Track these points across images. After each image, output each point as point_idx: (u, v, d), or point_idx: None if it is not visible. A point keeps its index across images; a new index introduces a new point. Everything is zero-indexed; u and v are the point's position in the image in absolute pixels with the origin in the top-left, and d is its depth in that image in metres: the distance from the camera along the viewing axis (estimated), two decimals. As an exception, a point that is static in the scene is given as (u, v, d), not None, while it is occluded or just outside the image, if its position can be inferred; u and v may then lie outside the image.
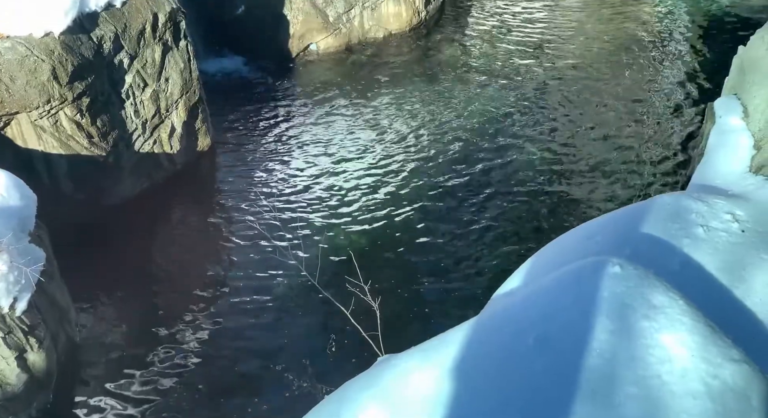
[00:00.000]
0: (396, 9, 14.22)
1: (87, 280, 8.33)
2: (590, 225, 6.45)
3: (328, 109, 11.99)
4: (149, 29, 9.38)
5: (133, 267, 8.87)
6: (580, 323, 4.68)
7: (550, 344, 4.58)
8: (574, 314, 4.79)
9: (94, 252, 8.73)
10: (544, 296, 5.18)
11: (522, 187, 9.87)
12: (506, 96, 11.84)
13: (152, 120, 9.74)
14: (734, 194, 6.46)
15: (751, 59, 7.70)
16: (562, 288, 5.14)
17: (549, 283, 5.29)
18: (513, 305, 5.36)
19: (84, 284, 8.24)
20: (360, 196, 9.95)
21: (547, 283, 5.31)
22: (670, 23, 13.71)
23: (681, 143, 10.30)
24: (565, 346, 4.53)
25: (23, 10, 8.08)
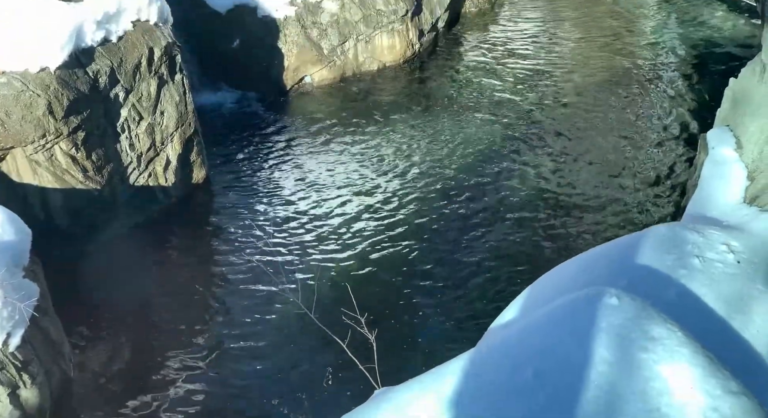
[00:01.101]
0: (390, 42, 14.34)
1: (81, 314, 8.28)
2: (586, 256, 6.45)
3: (322, 141, 12.03)
4: (145, 63, 9.43)
5: (127, 301, 8.81)
6: (578, 355, 4.67)
7: (549, 378, 4.56)
8: (572, 346, 4.77)
9: (88, 286, 8.69)
10: (541, 328, 5.16)
11: (517, 219, 9.89)
12: (500, 128, 11.91)
13: (147, 153, 9.75)
14: (729, 225, 6.48)
15: (743, 91, 7.78)
16: (559, 320, 5.13)
17: (546, 315, 5.28)
18: (510, 337, 5.34)
19: (78, 319, 8.19)
20: (356, 227, 9.95)
21: (543, 315, 5.30)
22: (662, 54, 13.85)
23: (675, 174, 10.35)
24: (564, 379, 4.51)
25: (19, 45, 8.12)
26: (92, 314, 8.51)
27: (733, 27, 14.35)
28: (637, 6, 15.88)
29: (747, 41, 13.58)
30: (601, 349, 4.62)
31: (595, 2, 16.25)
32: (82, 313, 8.30)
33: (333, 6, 13.92)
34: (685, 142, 10.99)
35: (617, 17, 15.44)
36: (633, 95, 12.49)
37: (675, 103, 12.13)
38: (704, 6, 15.34)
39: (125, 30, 9.32)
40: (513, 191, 10.39)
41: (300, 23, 13.73)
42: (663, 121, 11.65)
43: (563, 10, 16.04)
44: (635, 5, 15.93)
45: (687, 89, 12.56)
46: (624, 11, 15.69)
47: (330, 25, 13.88)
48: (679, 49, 13.88)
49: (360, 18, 13.96)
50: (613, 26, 15.04)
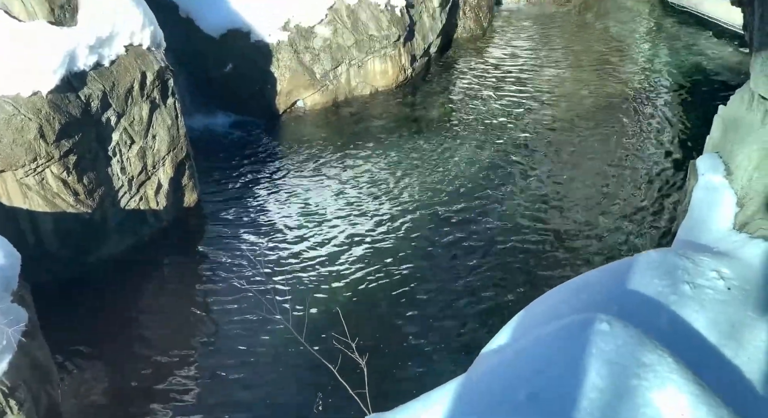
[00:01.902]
0: (382, 66, 14.42)
1: (70, 339, 8.22)
2: (577, 281, 6.46)
3: (314, 165, 12.04)
4: (137, 87, 9.45)
5: (117, 326, 8.75)
6: (570, 381, 4.66)
7: (541, 402, 4.55)
8: (563, 372, 4.77)
9: (77, 311, 8.64)
10: (533, 353, 5.16)
11: (508, 244, 9.89)
12: (491, 153, 11.95)
13: (139, 177, 9.74)
14: (719, 252, 6.50)
15: (732, 118, 7.83)
16: (551, 345, 5.12)
17: (538, 340, 5.27)
18: (502, 362, 5.33)
19: (67, 344, 8.13)
20: (347, 252, 9.93)
21: (536, 340, 5.29)
22: (651, 81, 13.97)
23: (665, 200, 10.39)
24: (556, 404, 4.49)
25: (11, 69, 8.13)
26: (81, 339, 8.45)
27: (721, 55, 14.51)
28: (628, 33, 16.04)
29: (735, 69, 13.72)
30: (593, 375, 4.62)
31: (585, 29, 16.40)
32: (70, 338, 8.24)
33: (326, 31, 14.00)
34: (675, 168, 11.04)
35: (608, 43, 15.58)
36: (623, 121, 12.56)
37: (665, 129, 12.22)
38: (693, 34, 15.49)
39: (118, 54, 9.35)
40: (504, 217, 10.40)
41: (293, 48, 13.80)
42: (653, 147, 11.72)
43: (554, 36, 16.18)
44: (625, 32, 16.08)
45: (677, 115, 12.65)
46: (614, 38, 15.84)
47: (323, 50, 13.95)
48: (668, 76, 14.01)
49: (352, 43, 14.04)
50: (604, 52, 15.16)
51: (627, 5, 17.34)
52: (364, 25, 14.13)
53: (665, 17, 16.39)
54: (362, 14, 14.16)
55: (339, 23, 14.05)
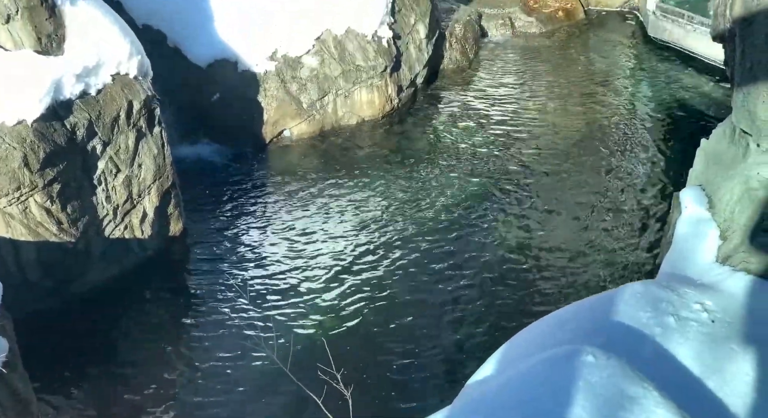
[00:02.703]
0: (369, 96, 14.48)
1: (51, 369, 8.11)
2: (562, 312, 6.46)
3: (300, 195, 12.04)
4: (123, 116, 9.45)
5: (99, 357, 8.67)
6: (555, 412, 4.64)
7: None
8: (549, 403, 4.75)
9: (59, 341, 8.54)
10: (518, 384, 5.15)
11: (493, 274, 9.90)
12: (476, 184, 11.99)
13: (124, 205, 9.70)
14: (703, 284, 6.53)
15: (714, 152, 7.91)
16: (537, 377, 5.11)
17: (524, 371, 5.26)
18: (488, 392, 5.32)
19: (48, 374, 8.02)
20: (332, 282, 9.90)
21: (521, 371, 5.28)
22: (635, 114, 14.12)
23: (649, 231, 10.45)
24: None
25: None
26: (62, 369, 8.35)
27: (702, 89, 14.72)
28: (611, 67, 16.23)
29: (716, 103, 13.89)
30: (579, 407, 4.61)
31: (570, 62, 16.58)
32: (51, 368, 8.13)
33: (313, 61, 14.07)
34: (658, 200, 11.12)
35: (591, 77, 15.75)
36: (607, 153, 12.66)
37: (648, 161, 12.33)
38: (675, 68, 15.70)
39: (105, 83, 9.35)
40: (489, 248, 10.42)
41: (280, 78, 13.85)
42: (637, 179, 11.81)
43: (539, 68, 16.34)
44: (609, 66, 16.27)
45: (659, 148, 12.77)
46: (598, 71, 16.01)
47: (310, 80, 14.01)
48: (651, 110, 14.17)
49: (339, 73, 14.11)
50: (588, 85, 15.32)
51: (610, 39, 17.57)
52: (351, 56, 14.22)
53: (648, 52, 16.60)
54: (349, 45, 14.26)
55: (326, 53, 14.14)
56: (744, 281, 6.50)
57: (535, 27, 18.41)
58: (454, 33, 16.78)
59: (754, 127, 6.95)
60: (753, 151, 7.07)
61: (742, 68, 7.01)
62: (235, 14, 13.65)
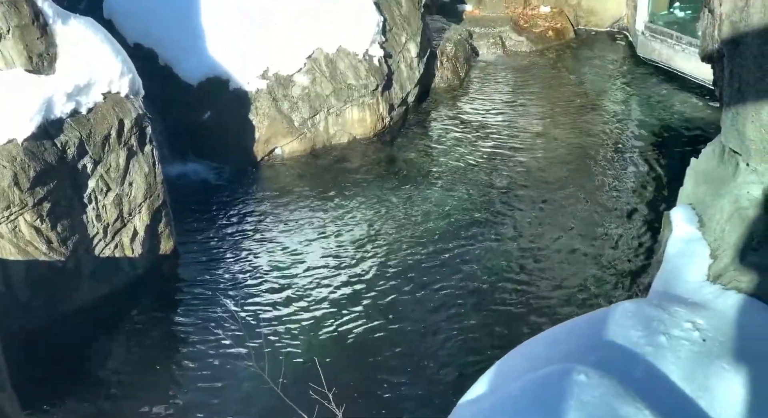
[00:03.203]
0: (360, 115, 14.53)
1: (40, 391, 8.04)
2: (554, 331, 6.47)
3: (291, 214, 12.04)
4: (114, 135, 9.45)
5: (88, 377, 8.61)
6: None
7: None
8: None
9: (48, 361, 8.48)
10: (510, 404, 5.14)
11: (485, 293, 9.91)
12: (468, 203, 12.03)
13: (114, 224, 9.67)
14: (694, 302, 6.54)
15: (704, 171, 7.96)
16: (529, 396, 5.11)
17: (516, 391, 5.26)
18: (479, 412, 5.31)
19: (37, 396, 7.95)
20: (325, 301, 9.89)
21: (513, 390, 5.28)
22: (624, 133, 14.20)
23: (640, 250, 10.49)
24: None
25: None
26: (51, 389, 8.28)
27: (692, 108, 14.81)
28: (601, 86, 16.33)
29: (706, 122, 13.97)
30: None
31: (559, 81, 16.68)
32: (40, 390, 8.06)
33: (304, 80, 14.12)
34: (649, 219, 11.16)
35: (581, 96, 15.84)
36: (598, 172, 12.72)
37: (638, 180, 12.39)
38: (665, 88, 15.80)
39: (95, 102, 9.36)
40: (480, 267, 10.43)
41: (271, 96, 13.89)
42: (627, 198, 11.86)
43: (529, 87, 16.42)
44: (599, 85, 16.38)
45: (650, 167, 12.84)
46: (588, 90, 16.11)
47: (301, 98, 14.05)
48: (641, 129, 14.25)
49: (331, 92, 14.17)
50: (578, 104, 15.41)
51: (600, 59, 17.71)
52: (343, 74, 14.28)
53: (637, 71, 16.72)
54: (340, 63, 14.32)
55: (317, 72, 14.20)
56: (735, 299, 6.51)
57: (525, 46, 18.54)
58: (445, 52, 16.88)
59: (743, 147, 7.00)
60: (742, 171, 7.12)
61: (731, 88, 7.07)
62: (227, 33, 13.70)
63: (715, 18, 7.33)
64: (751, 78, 6.73)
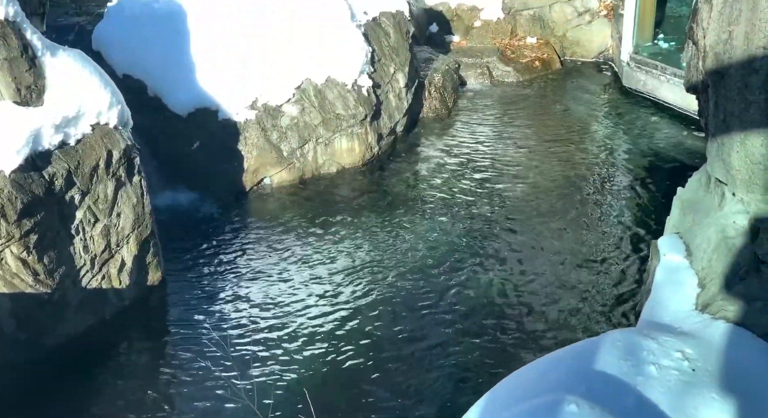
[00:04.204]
0: (349, 145, 14.58)
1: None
2: (544, 361, 6.46)
3: (281, 244, 12.02)
4: (103, 166, 9.43)
5: (75, 409, 8.51)
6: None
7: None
8: (531, 456, 4.72)
9: (34, 394, 8.39)
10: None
11: (473, 323, 9.89)
12: (456, 230, 12.05)
13: (102, 255, 9.62)
14: (683, 332, 6.56)
15: (691, 201, 8.02)
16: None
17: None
18: (469, 445, 5.28)
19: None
20: (315, 333, 9.84)
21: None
22: (612, 162, 14.29)
23: (628, 279, 10.51)
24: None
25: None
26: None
27: (677, 138, 14.93)
28: (586, 116, 16.46)
29: (691, 152, 14.08)
30: (561, 460, 4.58)
31: (547, 110, 16.82)
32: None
33: (293, 110, 14.18)
34: (637, 248, 11.20)
35: (567, 125, 15.96)
36: (585, 201, 12.77)
37: (625, 209, 12.45)
38: (650, 118, 15.93)
39: (84, 133, 9.35)
40: (469, 297, 10.43)
41: (260, 126, 13.94)
42: (615, 227, 11.91)
43: (517, 117, 16.54)
44: (584, 115, 16.51)
45: (636, 196, 12.91)
46: (574, 120, 16.24)
47: (290, 128, 14.10)
48: (627, 158, 14.35)
49: (320, 122, 14.23)
50: (564, 134, 15.51)
51: (586, 89, 17.87)
52: (331, 104, 14.35)
53: (623, 101, 16.88)
54: (329, 94, 14.40)
55: (306, 102, 14.27)
56: (723, 329, 6.54)
57: (512, 76, 18.70)
58: (433, 82, 17.00)
59: (729, 177, 7.07)
60: (728, 200, 7.18)
61: (716, 119, 7.15)
62: (216, 64, 13.76)
63: (699, 50, 7.43)
64: (736, 109, 6.81)
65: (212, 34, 13.87)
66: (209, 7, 14.03)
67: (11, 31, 8.57)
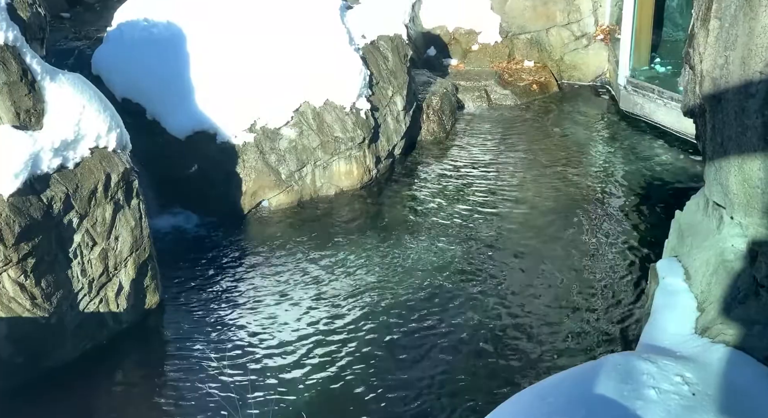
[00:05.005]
0: (347, 167, 14.61)
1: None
2: (543, 385, 6.44)
3: (279, 265, 12.01)
4: (101, 189, 9.44)
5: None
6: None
7: None
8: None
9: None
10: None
11: (472, 345, 9.86)
12: (453, 253, 12.03)
13: (99, 278, 9.60)
14: (682, 356, 6.54)
15: (688, 224, 8.03)
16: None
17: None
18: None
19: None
20: (312, 355, 9.81)
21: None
22: (609, 186, 14.29)
23: (627, 303, 10.49)
24: None
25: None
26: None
27: (674, 162, 14.96)
28: (584, 139, 16.51)
29: (689, 175, 14.11)
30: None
31: (544, 134, 16.86)
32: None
33: (291, 133, 14.23)
34: (636, 271, 11.19)
35: (565, 148, 15.99)
36: (583, 224, 12.77)
37: (624, 232, 12.44)
38: (647, 141, 15.96)
39: (83, 156, 9.38)
40: (467, 320, 10.40)
41: (258, 149, 13.98)
42: (614, 250, 11.89)
43: (514, 140, 16.58)
44: (582, 138, 16.56)
45: (634, 219, 12.91)
46: (571, 143, 16.28)
47: (288, 151, 14.14)
48: (625, 181, 14.36)
49: (318, 144, 14.27)
50: (562, 157, 15.53)
51: (583, 112, 17.93)
52: (330, 127, 14.40)
53: (620, 125, 16.95)
54: (327, 116, 14.46)
55: (305, 125, 14.32)
56: (722, 352, 6.51)
57: (510, 99, 18.78)
58: (431, 105, 17.07)
59: (727, 200, 7.07)
60: (727, 224, 7.18)
61: (714, 143, 7.18)
62: (215, 87, 13.83)
63: (696, 74, 7.47)
64: (733, 133, 6.84)
65: (211, 58, 13.95)
66: (208, 32, 14.12)
67: (11, 56, 8.62)
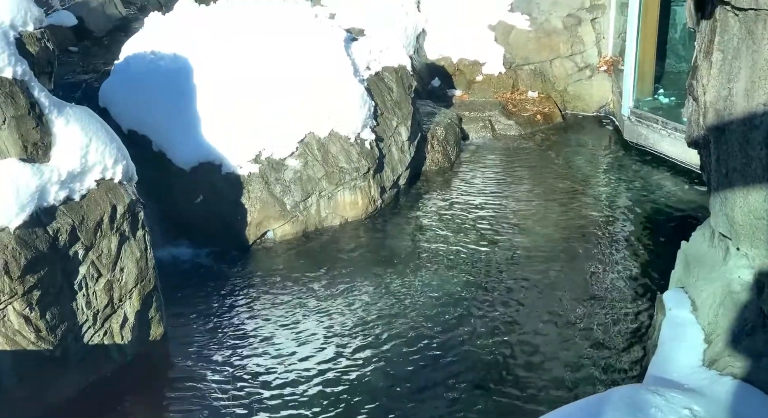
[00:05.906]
0: (352, 198, 14.65)
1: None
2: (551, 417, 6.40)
3: (284, 296, 11.99)
4: (107, 221, 9.46)
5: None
6: None
7: None
8: None
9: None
10: None
11: (478, 376, 9.80)
12: (458, 284, 12.01)
13: (104, 310, 9.58)
14: (690, 388, 6.49)
15: (695, 255, 8.01)
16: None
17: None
18: None
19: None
20: (318, 386, 9.76)
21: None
22: (614, 216, 14.31)
23: (634, 334, 10.42)
24: None
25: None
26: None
27: (679, 192, 14.96)
28: (589, 169, 16.55)
29: (695, 206, 14.08)
30: None
31: (549, 164, 16.91)
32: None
33: (296, 163, 14.29)
34: (642, 303, 11.13)
35: (570, 179, 16.02)
36: (588, 255, 12.73)
37: (630, 263, 12.41)
38: (651, 171, 15.99)
39: (89, 188, 9.40)
40: (473, 352, 10.34)
41: (263, 180, 14.03)
42: (620, 282, 11.85)
43: (518, 171, 16.64)
44: (587, 168, 16.60)
45: (640, 250, 12.88)
46: (577, 174, 16.31)
47: (293, 182, 14.19)
48: (630, 212, 14.36)
49: (323, 175, 14.31)
50: (566, 187, 15.56)
51: (588, 142, 18.01)
52: (335, 158, 14.46)
53: (624, 155, 17.00)
54: (332, 147, 14.52)
55: (310, 156, 14.38)
56: (730, 385, 6.46)
57: (514, 130, 18.87)
58: (435, 135, 17.16)
59: (732, 231, 7.06)
60: (733, 255, 7.16)
61: (718, 174, 7.18)
62: (220, 119, 13.93)
63: (700, 106, 7.50)
64: (738, 164, 6.84)
65: (216, 90, 14.07)
66: (213, 64, 14.25)
67: (19, 90, 8.68)
